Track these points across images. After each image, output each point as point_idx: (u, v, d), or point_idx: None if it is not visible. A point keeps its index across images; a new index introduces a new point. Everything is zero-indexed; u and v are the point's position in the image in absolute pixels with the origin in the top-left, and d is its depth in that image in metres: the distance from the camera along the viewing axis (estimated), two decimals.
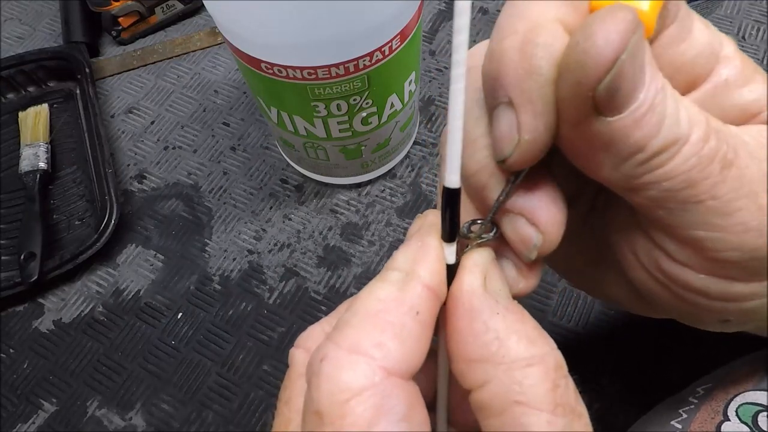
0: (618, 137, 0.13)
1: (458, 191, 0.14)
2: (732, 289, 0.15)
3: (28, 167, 0.40)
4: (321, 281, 0.37)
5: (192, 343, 0.36)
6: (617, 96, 0.12)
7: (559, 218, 0.15)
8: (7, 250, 0.39)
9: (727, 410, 0.21)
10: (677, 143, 0.13)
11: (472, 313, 0.14)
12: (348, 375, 0.13)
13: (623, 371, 0.33)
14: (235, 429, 0.33)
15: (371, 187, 0.40)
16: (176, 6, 0.48)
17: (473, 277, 0.15)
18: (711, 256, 0.14)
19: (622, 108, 0.12)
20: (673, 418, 0.23)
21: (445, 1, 0.48)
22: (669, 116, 0.13)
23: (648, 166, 0.13)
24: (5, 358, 0.36)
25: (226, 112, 0.44)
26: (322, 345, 0.14)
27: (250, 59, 0.28)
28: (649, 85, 0.13)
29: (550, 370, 0.14)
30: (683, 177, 0.13)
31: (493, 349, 0.14)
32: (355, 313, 0.14)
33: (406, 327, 0.14)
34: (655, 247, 0.16)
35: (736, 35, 0.44)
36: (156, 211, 0.40)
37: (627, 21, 0.11)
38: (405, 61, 0.30)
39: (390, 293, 0.14)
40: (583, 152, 0.14)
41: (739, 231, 0.14)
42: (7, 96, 0.45)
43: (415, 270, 0.14)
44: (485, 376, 0.14)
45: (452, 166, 0.13)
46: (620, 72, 0.12)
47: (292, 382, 0.17)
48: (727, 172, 0.13)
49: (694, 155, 0.13)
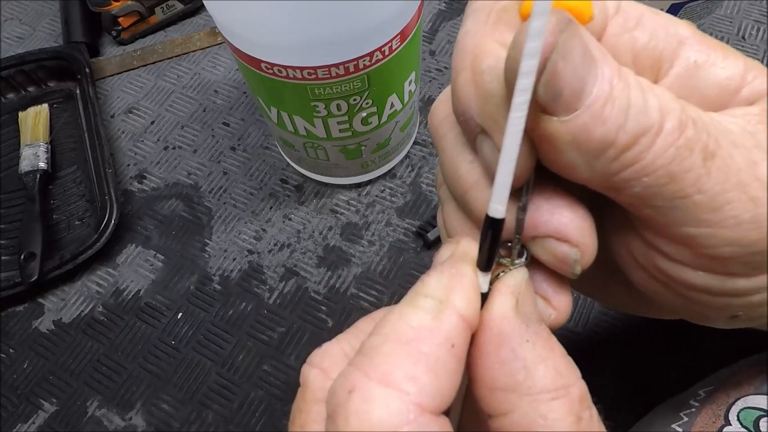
0: (581, 135, 0.12)
1: (502, 221, 0.13)
2: (735, 285, 0.14)
3: (28, 167, 0.40)
4: (321, 281, 0.37)
5: (192, 343, 0.36)
6: (564, 95, 0.12)
7: (587, 225, 0.14)
8: (7, 250, 0.39)
9: (729, 414, 0.21)
10: (648, 133, 0.12)
11: (501, 338, 0.13)
12: (380, 411, 0.12)
13: (623, 371, 0.33)
14: (235, 429, 0.33)
15: (371, 187, 0.40)
16: (176, 6, 0.48)
17: (505, 300, 0.14)
18: (706, 253, 0.14)
19: (575, 105, 0.12)
20: (674, 421, 0.23)
21: (445, 1, 0.48)
22: (634, 106, 0.12)
23: (622, 161, 0.13)
24: (5, 358, 0.36)
25: (226, 112, 0.44)
26: (349, 373, 0.13)
27: (250, 59, 0.28)
28: (603, 77, 0.12)
29: (575, 402, 0.13)
30: (663, 171, 0.13)
31: (520, 378, 0.13)
32: (386, 340, 0.13)
33: (441, 360, 0.13)
34: (650, 248, 0.15)
35: (736, 35, 0.44)
36: (156, 211, 0.40)
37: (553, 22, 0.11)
38: (405, 61, 0.30)
39: (424, 321, 0.13)
40: (554, 157, 0.13)
41: (731, 225, 0.13)
42: (7, 96, 0.45)
43: (451, 299, 0.13)
44: (509, 405, 0.13)
45: (499, 196, 0.13)
46: (554, 71, 0.12)
47: (309, 405, 0.15)
48: (711, 164, 0.13)
49: (671, 146, 0.12)
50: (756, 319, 0.16)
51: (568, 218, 0.14)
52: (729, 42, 0.43)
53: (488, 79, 0.13)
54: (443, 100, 0.17)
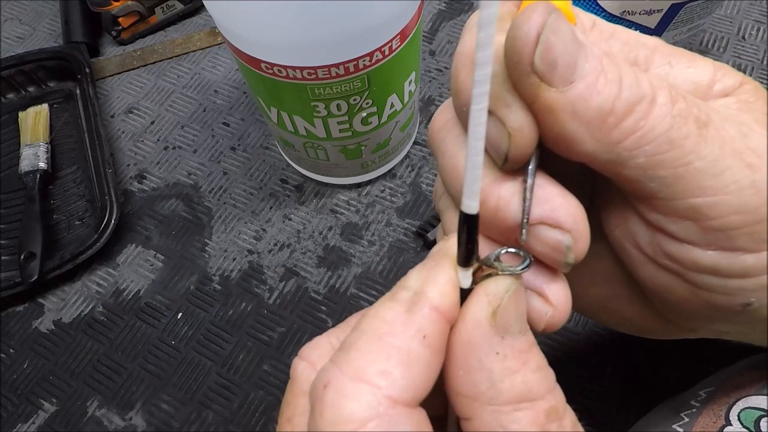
0: (579, 105, 0.14)
1: (475, 217, 0.13)
2: (744, 263, 0.15)
3: (28, 167, 0.40)
4: (321, 281, 0.37)
5: (192, 343, 0.36)
6: (558, 67, 0.13)
7: (579, 212, 0.15)
8: (7, 250, 0.39)
9: (729, 414, 0.21)
10: (643, 101, 0.14)
11: (469, 347, 0.14)
12: (352, 405, 0.12)
13: (623, 371, 0.33)
14: (235, 429, 0.33)
15: (371, 187, 0.40)
16: (176, 6, 0.48)
17: (479, 307, 0.14)
18: (712, 225, 0.14)
19: (570, 77, 0.14)
20: (675, 421, 0.23)
21: (445, 1, 0.48)
22: (626, 79, 0.14)
23: (622, 129, 0.14)
24: (5, 358, 0.36)
25: (226, 112, 0.44)
26: (326, 368, 0.13)
27: (250, 59, 0.28)
28: (591, 55, 0.14)
29: (540, 415, 0.13)
30: (663, 138, 0.14)
31: (483, 388, 0.13)
32: (361, 334, 0.14)
33: (413, 352, 0.13)
34: (656, 231, 0.16)
35: (736, 35, 0.44)
36: (156, 211, 0.40)
37: (541, 7, 0.13)
38: (405, 61, 0.30)
39: (397, 314, 0.14)
40: (557, 129, 0.14)
41: (733, 190, 0.14)
42: (7, 96, 0.45)
43: (425, 290, 0.14)
44: (471, 412, 0.13)
45: (470, 191, 0.13)
46: (547, 43, 0.13)
47: (296, 398, 0.16)
48: (705, 132, 0.14)
49: (667, 114, 0.14)
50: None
51: (559, 203, 0.15)
52: (729, 42, 0.43)
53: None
54: (441, 110, 0.18)
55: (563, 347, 0.34)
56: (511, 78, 0.14)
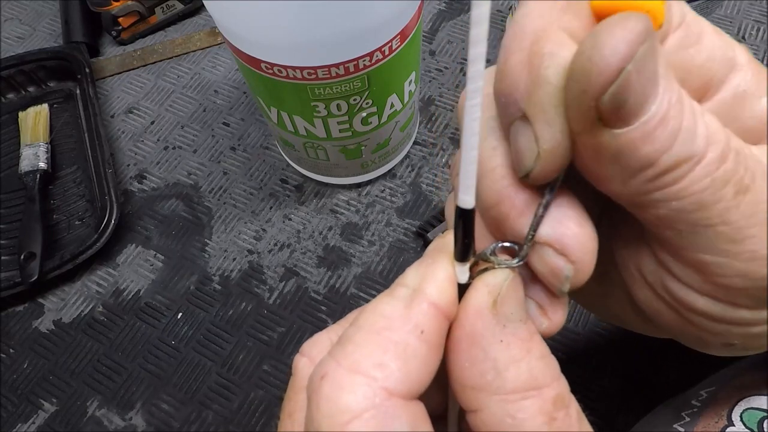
0: (627, 150, 0.12)
1: (472, 212, 0.13)
2: (736, 314, 0.15)
3: (28, 167, 0.40)
4: (321, 281, 0.37)
5: (192, 343, 0.36)
6: (625, 107, 0.12)
7: (591, 246, 0.14)
8: (7, 250, 0.39)
9: (732, 415, 0.21)
10: (691, 161, 0.12)
11: (472, 338, 0.13)
12: (348, 396, 0.13)
13: (623, 371, 0.33)
14: (235, 429, 0.33)
15: (371, 187, 0.40)
16: (176, 6, 0.48)
17: (480, 297, 0.14)
18: (715, 281, 0.14)
19: (631, 120, 0.12)
20: (676, 421, 0.22)
21: (445, 1, 0.48)
22: (684, 131, 0.12)
23: (658, 183, 0.12)
24: (5, 358, 0.36)
25: (226, 112, 0.44)
26: (324, 361, 0.14)
27: (250, 59, 0.28)
28: (662, 96, 0.12)
29: (547, 402, 0.13)
30: (694, 198, 0.13)
31: (489, 378, 0.13)
32: (359, 329, 0.14)
33: (410, 346, 0.13)
34: (661, 268, 0.15)
35: (736, 35, 0.44)
36: (156, 211, 0.40)
37: (636, 31, 0.11)
38: (405, 61, 0.30)
39: (396, 310, 0.14)
40: (592, 165, 0.13)
41: (746, 258, 0.13)
42: (7, 96, 0.45)
43: (423, 287, 0.14)
44: (478, 404, 0.13)
45: (466, 186, 0.13)
46: (626, 82, 0.11)
47: (296, 393, 0.16)
48: (742, 198, 0.13)
49: (708, 176, 0.12)
50: (750, 349, 0.16)
51: (573, 232, 0.14)
52: None
53: (546, 64, 0.12)
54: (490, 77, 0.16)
55: (563, 347, 0.34)
56: (567, 97, 0.12)
